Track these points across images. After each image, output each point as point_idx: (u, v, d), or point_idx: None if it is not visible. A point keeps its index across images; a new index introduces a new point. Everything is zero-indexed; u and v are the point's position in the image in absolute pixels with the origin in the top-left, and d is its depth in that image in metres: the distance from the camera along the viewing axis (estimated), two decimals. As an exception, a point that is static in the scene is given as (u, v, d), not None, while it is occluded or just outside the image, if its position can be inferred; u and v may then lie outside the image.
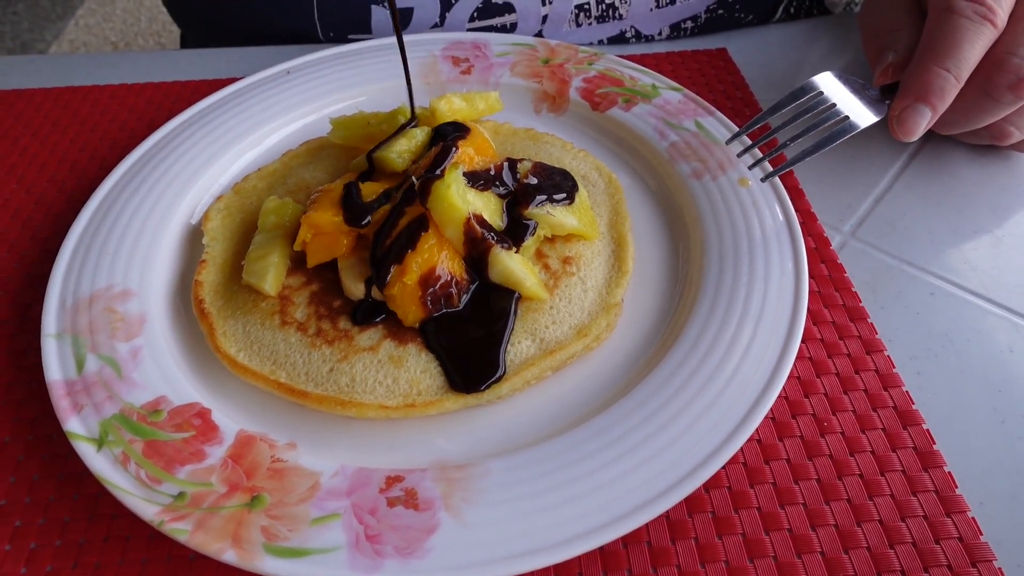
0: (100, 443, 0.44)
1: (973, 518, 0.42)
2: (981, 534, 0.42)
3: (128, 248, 0.55)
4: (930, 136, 0.67)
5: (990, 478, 0.45)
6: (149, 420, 0.45)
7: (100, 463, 0.43)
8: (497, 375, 0.47)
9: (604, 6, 0.77)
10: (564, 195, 0.54)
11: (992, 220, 0.60)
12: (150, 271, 0.54)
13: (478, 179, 0.52)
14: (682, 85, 0.68)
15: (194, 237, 0.58)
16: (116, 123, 0.72)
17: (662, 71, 0.74)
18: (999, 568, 0.40)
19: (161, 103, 0.74)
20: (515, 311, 0.50)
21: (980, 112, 0.55)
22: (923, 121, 0.54)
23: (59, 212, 0.63)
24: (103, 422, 0.45)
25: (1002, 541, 0.42)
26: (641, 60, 0.75)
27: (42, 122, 0.72)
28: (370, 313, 0.50)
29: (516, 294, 0.50)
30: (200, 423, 0.45)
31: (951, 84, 0.53)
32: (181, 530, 0.40)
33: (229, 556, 0.39)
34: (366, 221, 0.51)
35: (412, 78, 0.69)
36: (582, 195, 0.56)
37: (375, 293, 0.50)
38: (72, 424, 0.45)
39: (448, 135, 0.55)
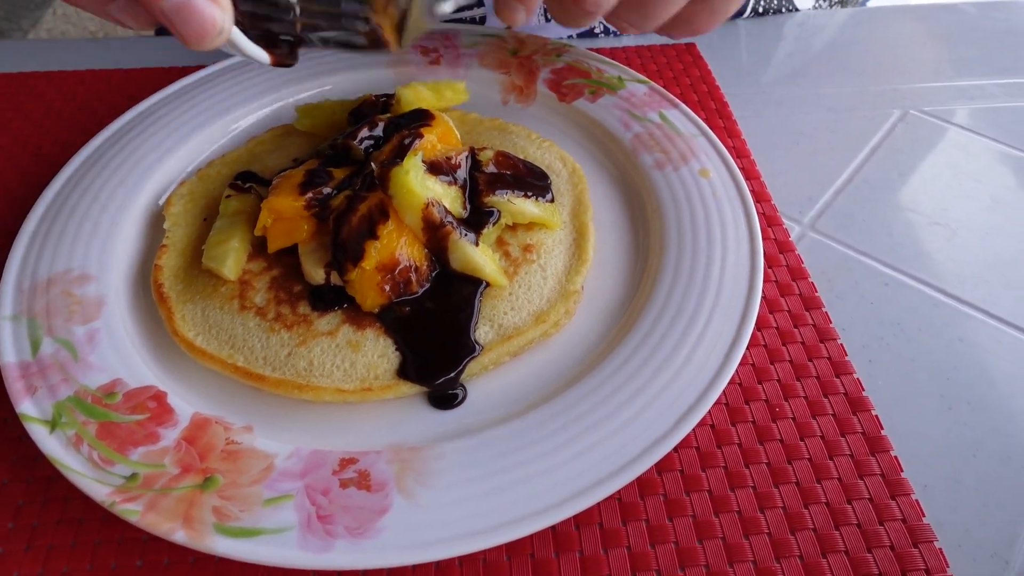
0: (53, 425, 0.44)
1: (917, 500, 0.43)
2: (924, 516, 0.43)
3: (88, 232, 0.54)
4: (891, 130, 0.69)
5: (935, 462, 0.46)
6: (104, 402, 0.45)
7: (52, 445, 0.43)
8: (452, 373, 0.47)
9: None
10: (533, 192, 0.55)
11: (947, 214, 0.61)
12: (110, 255, 0.54)
13: (440, 166, 0.52)
14: (650, 78, 0.69)
15: (157, 223, 0.58)
16: (83, 109, 0.71)
17: (631, 65, 0.75)
18: (939, 548, 0.41)
19: (128, 90, 0.73)
20: (479, 302, 0.50)
21: (572, 18, 0.56)
22: (517, 14, 0.55)
23: (21, 197, 0.62)
24: (57, 404, 0.45)
25: (944, 523, 0.43)
26: (611, 54, 0.75)
27: (5, 107, 0.71)
28: (330, 298, 0.50)
29: (481, 285, 0.50)
30: (155, 406, 0.45)
31: None
32: (132, 511, 0.40)
33: (180, 536, 0.39)
34: (327, 212, 0.51)
35: (381, 66, 0.70)
36: (545, 185, 0.56)
37: (335, 278, 0.50)
38: (25, 406, 0.44)
39: (410, 122, 0.55)
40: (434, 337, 0.48)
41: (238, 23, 0.42)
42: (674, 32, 0.60)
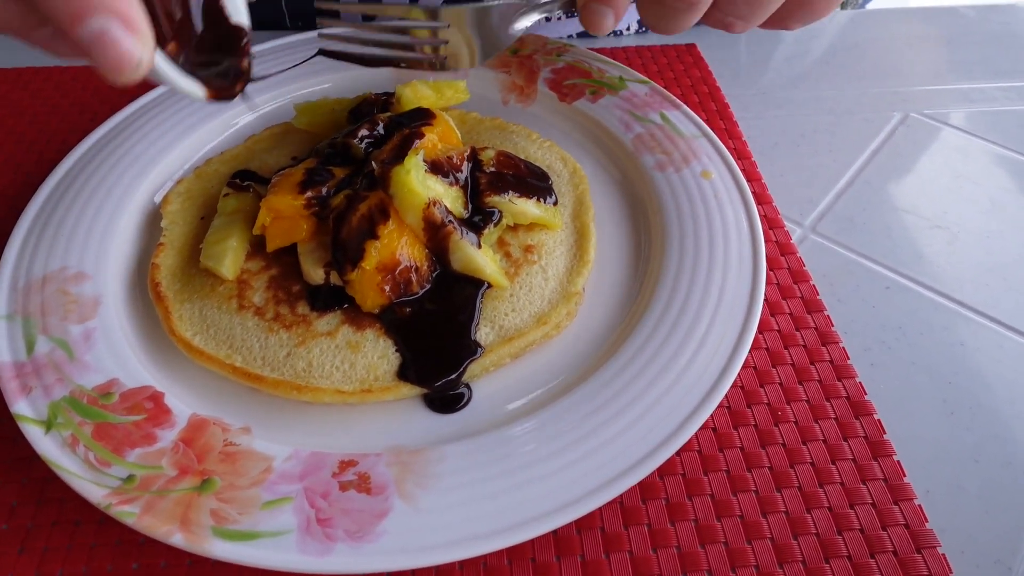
0: (48, 425, 0.43)
1: (919, 506, 0.43)
2: (927, 521, 0.42)
3: (84, 230, 0.54)
4: (892, 133, 0.69)
5: (937, 467, 0.46)
6: (100, 403, 0.44)
7: (48, 445, 0.42)
8: (453, 375, 0.47)
9: None
10: (534, 193, 0.54)
11: (947, 217, 0.61)
12: (106, 254, 0.53)
13: (441, 166, 0.52)
14: (651, 79, 0.69)
15: (154, 221, 0.57)
16: (78, 106, 0.71)
17: (632, 65, 0.75)
18: (943, 554, 0.41)
19: (125, 86, 0.72)
20: (480, 303, 0.50)
21: (669, 19, 0.51)
22: (605, 20, 0.51)
23: (15, 195, 0.62)
24: (52, 404, 0.44)
25: (946, 528, 0.43)
26: (611, 54, 0.75)
27: (1, 103, 0.70)
28: (329, 298, 0.49)
29: (483, 286, 0.50)
30: (152, 406, 0.45)
31: None
32: (128, 513, 0.39)
33: (177, 539, 0.38)
34: (326, 211, 0.50)
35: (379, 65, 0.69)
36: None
37: (334, 278, 0.49)
38: (20, 406, 0.44)
39: (411, 121, 0.54)
40: (435, 338, 0.48)
41: (177, 53, 0.40)
42: (790, 20, 0.53)
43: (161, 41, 0.38)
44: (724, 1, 0.50)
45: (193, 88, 0.40)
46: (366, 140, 0.55)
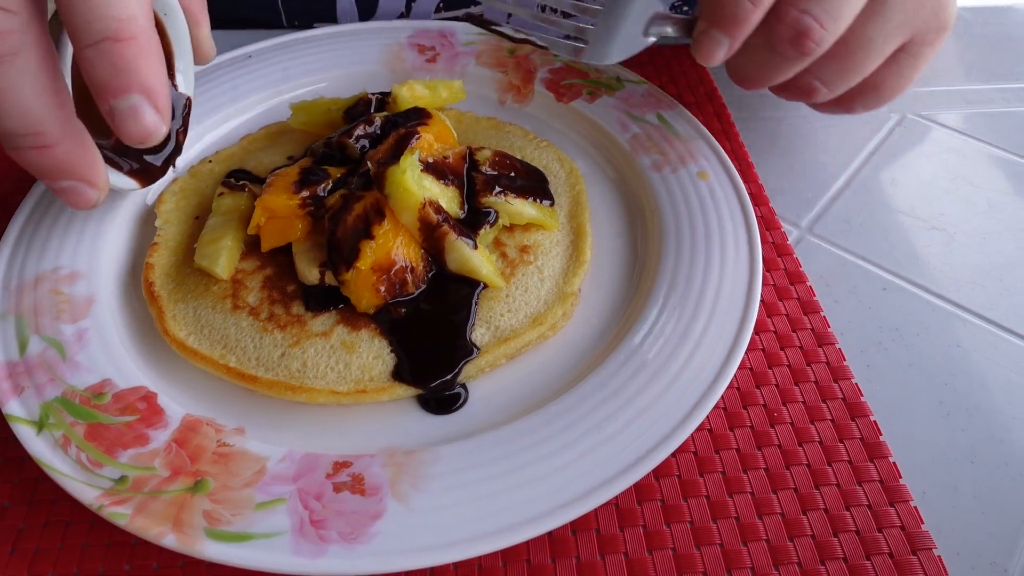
0: (40, 426, 0.43)
1: (915, 507, 0.43)
2: (922, 523, 0.42)
3: (77, 229, 0.54)
4: (889, 134, 0.69)
5: (933, 469, 0.46)
6: (92, 403, 0.44)
7: (39, 446, 0.42)
8: (448, 376, 0.47)
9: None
10: (531, 193, 0.54)
11: (944, 218, 0.61)
12: (99, 253, 0.53)
13: (437, 166, 0.52)
14: (648, 79, 0.68)
15: (148, 220, 0.57)
16: (72, 104, 0.70)
17: (629, 65, 0.74)
18: (938, 556, 0.41)
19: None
20: (476, 304, 0.49)
21: (770, 67, 0.52)
22: (719, 49, 0.51)
23: (6, 193, 0.61)
24: (44, 404, 0.44)
25: (942, 530, 0.42)
26: (608, 54, 0.75)
27: (-6, 101, 0.70)
28: (324, 298, 0.49)
29: (478, 286, 0.50)
30: (145, 407, 0.44)
31: (746, 10, 0.48)
32: (121, 514, 0.39)
33: (169, 540, 0.38)
34: (321, 211, 0.50)
35: (378, 64, 0.69)
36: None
37: (329, 278, 0.49)
38: (11, 406, 0.44)
39: (407, 121, 0.54)
40: (430, 339, 0.48)
41: (112, 149, 0.48)
42: (856, 101, 0.56)
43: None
44: (816, 64, 0.51)
45: (130, 183, 0.49)
46: (362, 140, 0.55)
